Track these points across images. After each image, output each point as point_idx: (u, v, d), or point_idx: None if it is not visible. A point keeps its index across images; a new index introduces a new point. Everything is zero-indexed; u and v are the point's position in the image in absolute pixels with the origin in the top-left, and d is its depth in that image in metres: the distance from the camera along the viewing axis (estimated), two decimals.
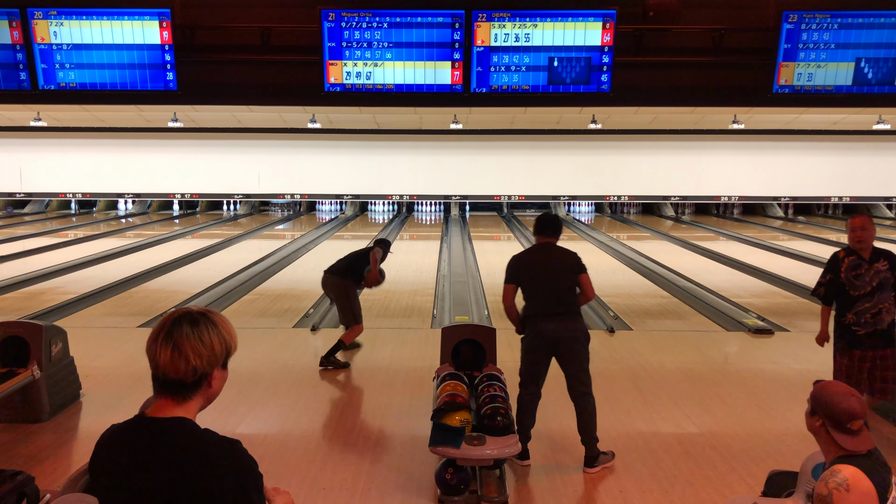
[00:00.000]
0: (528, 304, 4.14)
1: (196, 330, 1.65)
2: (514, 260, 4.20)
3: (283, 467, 3.98)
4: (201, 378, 1.66)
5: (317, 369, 5.87)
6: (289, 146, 19.11)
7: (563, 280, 4.06)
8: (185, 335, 1.64)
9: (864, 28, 7.19)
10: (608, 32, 7.17)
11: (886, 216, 19.64)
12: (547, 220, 4.21)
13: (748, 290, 9.64)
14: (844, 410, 2.32)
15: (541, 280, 4.07)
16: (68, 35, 7.35)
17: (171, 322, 1.66)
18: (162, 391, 1.67)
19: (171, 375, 1.64)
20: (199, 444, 1.62)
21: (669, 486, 3.82)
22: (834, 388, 2.41)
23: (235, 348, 1.74)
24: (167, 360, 1.63)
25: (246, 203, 20.66)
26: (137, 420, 1.69)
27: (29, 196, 20.03)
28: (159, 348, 1.64)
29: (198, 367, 1.64)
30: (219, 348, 1.68)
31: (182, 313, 1.68)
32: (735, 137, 18.44)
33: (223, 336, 1.69)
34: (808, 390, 2.48)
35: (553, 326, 3.98)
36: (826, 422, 2.36)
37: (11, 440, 4.33)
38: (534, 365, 4.07)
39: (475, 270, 10.99)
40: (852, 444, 2.31)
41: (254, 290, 9.45)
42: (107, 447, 1.68)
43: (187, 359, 1.63)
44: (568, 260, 4.11)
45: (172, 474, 1.57)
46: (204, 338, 1.65)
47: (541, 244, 4.21)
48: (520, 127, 17.98)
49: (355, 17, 7.22)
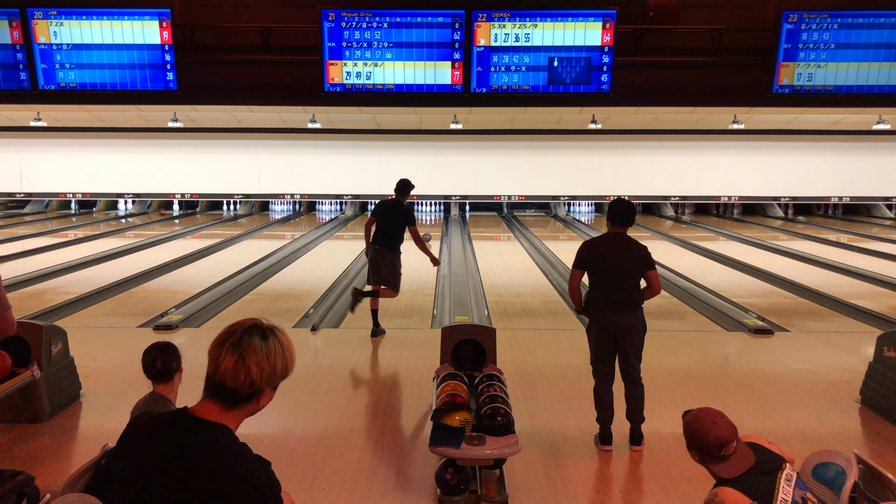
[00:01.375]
0: (593, 292, 4.34)
1: (265, 345, 1.65)
2: (585, 245, 4.38)
3: (283, 467, 3.98)
4: (255, 393, 1.66)
5: (317, 369, 5.87)
6: (289, 146, 19.12)
7: (629, 274, 4.21)
8: (255, 347, 1.63)
9: (864, 28, 7.19)
10: (608, 32, 7.18)
11: (886, 216, 19.64)
12: (620, 210, 4.29)
13: (748, 290, 9.64)
14: (713, 440, 2.34)
15: (608, 272, 4.22)
16: (68, 35, 7.35)
17: (242, 330, 1.65)
18: (213, 396, 1.66)
19: (227, 384, 1.63)
20: (233, 456, 1.61)
21: (669, 486, 3.81)
22: (700, 418, 2.41)
23: (292, 371, 1.74)
24: (229, 367, 1.62)
25: (246, 203, 20.67)
26: (180, 414, 1.67)
27: (29, 196, 20.03)
28: (225, 353, 1.63)
29: (256, 382, 1.64)
30: (280, 368, 1.67)
31: (255, 324, 1.68)
32: (735, 137, 18.44)
33: (286, 357, 1.69)
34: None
35: (614, 318, 4.21)
36: (701, 455, 2.39)
37: (11, 440, 4.33)
38: (600, 352, 4.33)
39: (475, 270, 10.99)
40: (726, 471, 2.33)
41: (254, 290, 9.45)
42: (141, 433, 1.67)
43: (249, 371, 1.62)
44: (637, 254, 4.23)
45: (201, 476, 1.56)
46: (270, 354, 1.65)
47: (612, 233, 4.32)
48: (520, 127, 17.98)
49: (355, 17, 7.23)
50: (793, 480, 2.31)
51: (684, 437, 2.47)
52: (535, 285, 10.04)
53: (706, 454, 2.37)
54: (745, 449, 2.37)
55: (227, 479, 1.56)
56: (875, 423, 4.75)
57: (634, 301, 4.24)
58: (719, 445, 2.33)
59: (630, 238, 4.31)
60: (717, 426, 2.35)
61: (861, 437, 4.65)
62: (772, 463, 2.35)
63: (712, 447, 2.34)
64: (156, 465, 1.59)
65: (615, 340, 4.26)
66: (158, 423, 1.68)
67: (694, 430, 2.40)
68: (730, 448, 2.34)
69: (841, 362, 6.11)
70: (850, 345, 6.76)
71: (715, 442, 2.33)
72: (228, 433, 1.64)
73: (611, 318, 4.22)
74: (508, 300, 8.97)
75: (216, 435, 1.62)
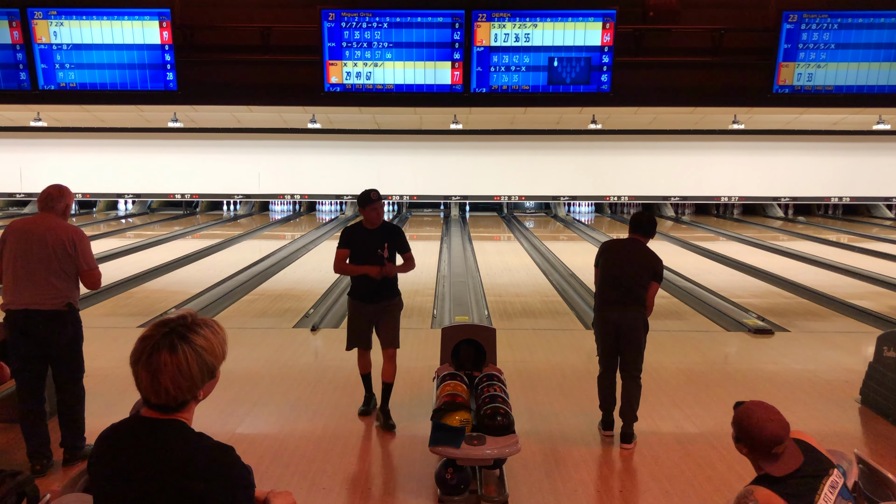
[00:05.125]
0: (598, 289, 4.47)
1: (174, 358, 1.59)
2: (602, 244, 4.62)
3: (282, 467, 3.98)
4: (183, 402, 1.64)
5: (317, 369, 5.86)
6: (289, 146, 19.11)
7: (636, 274, 4.32)
8: (164, 364, 1.59)
9: (864, 28, 7.19)
10: (608, 32, 7.18)
11: (886, 216, 19.64)
12: (639, 219, 4.49)
13: (748, 290, 9.64)
14: (767, 437, 2.30)
15: (615, 272, 4.38)
16: (68, 35, 7.35)
17: (151, 347, 1.61)
18: (149, 407, 1.65)
19: (152, 400, 1.62)
20: (191, 449, 1.61)
21: (669, 486, 3.81)
22: (755, 412, 2.38)
23: (224, 357, 1.71)
24: (147, 386, 1.61)
25: (246, 203, 20.66)
26: (134, 420, 1.69)
27: (29, 196, 20.00)
28: (139, 371, 1.61)
29: (177, 396, 1.61)
30: (199, 374, 1.63)
31: (161, 336, 1.62)
32: (735, 137, 18.43)
33: (204, 359, 1.64)
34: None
35: (616, 315, 4.32)
36: (751, 449, 2.36)
37: (11, 440, 4.32)
38: (605, 347, 4.45)
39: (475, 270, 10.99)
40: (774, 469, 2.29)
41: (254, 290, 9.45)
42: (104, 446, 1.68)
43: (167, 390, 1.59)
44: (648, 260, 4.35)
45: (164, 476, 1.57)
46: (182, 367, 1.60)
47: (631, 239, 4.48)
48: (520, 127, 17.98)
49: (355, 17, 7.22)
50: (837, 488, 2.26)
51: (733, 427, 2.41)
52: (536, 285, 10.04)
53: (757, 450, 2.32)
54: (795, 449, 2.32)
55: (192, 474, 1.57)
56: (875, 423, 4.75)
57: (637, 300, 4.31)
58: (773, 443, 2.28)
59: (647, 247, 4.43)
60: (772, 423, 2.31)
61: (861, 437, 4.66)
62: (819, 466, 2.30)
63: (765, 444, 2.29)
64: (124, 475, 1.61)
65: (617, 338, 4.35)
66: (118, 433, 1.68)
67: (748, 425, 2.35)
68: (781, 447, 2.30)
69: (841, 362, 6.11)
70: (850, 345, 6.75)
71: (769, 439, 2.29)
72: (182, 428, 1.64)
73: (613, 315, 4.34)
74: (508, 300, 8.97)
75: (169, 433, 1.62)
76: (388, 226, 4.76)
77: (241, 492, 1.63)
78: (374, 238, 4.61)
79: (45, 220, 3.92)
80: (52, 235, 3.87)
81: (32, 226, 3.92)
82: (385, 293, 4.69)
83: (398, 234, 4.75)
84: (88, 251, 3.99)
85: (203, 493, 1.57)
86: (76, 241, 3.92)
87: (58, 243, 3.86)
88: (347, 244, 4.70)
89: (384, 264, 4.56)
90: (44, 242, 3.85)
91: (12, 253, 3.88)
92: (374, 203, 4.60)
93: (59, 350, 3.93)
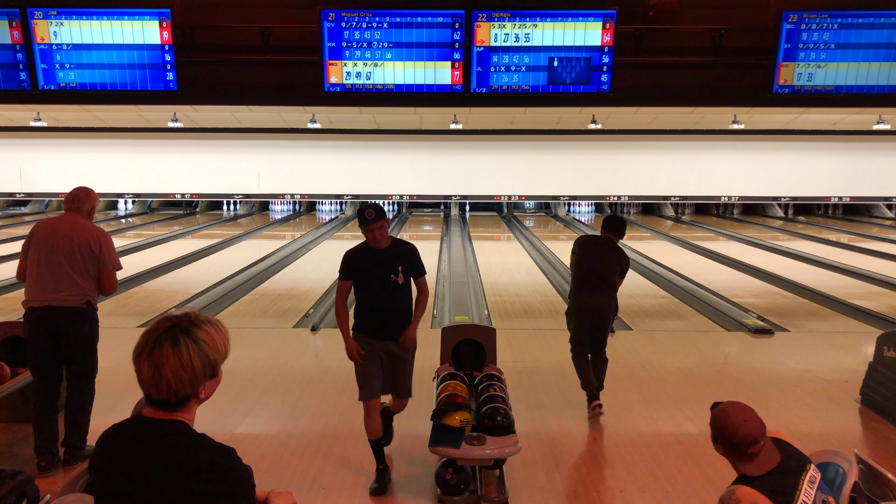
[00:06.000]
0: (575, 277, 4.96)
1: (177, 351, 1.60)
2: (579, 238, 5.10)
3: (283, 467, 3.98)
4: (185, 398, 1.64)
5: (317, 369, 5.86)
6: (289, 146, 19.11)
7: (609, 267, 4.82)
8: (166, 357, 1.59)
9: (864, 28, 7.18)
10: (608, 32, 7.17)
11: (886, 216, 19.64)
12: (612, 220, 4.99)
13: (748, 290, 9.64)
14: (742, 438, 2.31)
15: (592, 260, 4.88)
16: (68, 35, 7.34)
17: (154, 340, 1.61)
18: (150, 404, 1.66)
19: (153, 395, 1.62)
20: (192, 449, 1.61)
21: (669, 486, 3.82)
22: (730, 413, 2.39)
23: (226, 356, 1.71)
24: (149, 379, 1.61)
25: (246, 203, 20.67)
26: (136, 420, 1.69)
27: (29, 196, 20.02)
28: (142, 365, 1.61)
29: (179, 390, 1.61)
30: (201, 368, 1.63)
31: (164, 330, 1.63)
32: (735, 137, 18.43)
33: (207, 354, 1.64)
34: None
35: (593, 301, 4.82)
36: (727, 449, 2.37)
37: (11, 440, 4.33)
38: (577, 330, 4.93)
39: (475, 270, 10.99)
40: (751, 469, 2.32)
41: (254, 290, 9.45)
42: (106, 446, 1.69)
43: (169, 383, 1.60)
44: (619, 257, 4.85)
45: (164, 476, 1.58)
46: (184, 360, 1.60)
47: (605, 236, 4.95)
48: (520, 127, 17.97)
49: (355, 17, 7.22)
50: (816, 482, 2.28)
51: (711, 428, 2.43)
52: (535, 285, 10.04)
53: (733, 450, 2.34)
54: (772, 447, 2.34)
55: (193, 475, 1.57)
56: (875, 423, 4.75)
57: (609, 285, 4.82)
58: (748, 444, 2.30)
59: (618, 246, 4.90)
60: (747, 424, 2.32)
61: (861, 437, 4.66)
62: (796, 462, 2.33)
63: (740, 444, 2.31)
64: (125, 475, 1.61)
65: (592, 320, 4.83)
66: (120, 433, 1.68)
67: (724, 426, 2.36)
68: (757, 447, 2.31)
69: (841, 362, 6.11)
70: (850, 345, 6.75)
71: (744, 440, 2.30)
72: (183, 428, 1.64)
73: (588, 299, 4.83)
74: (508, 300, 8.97)
75: (170, 433, 1.62)
76: (399, 244, 3.86)
77: (241, 492, 1.63)
78: (384, 260, 3.76)
79: (72, 219, 4.08)
80: (78, 234, 4.00)
81: (59, 224, 4.07)
82: (400, 323, 3.85)
83: (413, 253, 3.87)
84: (113, 251, 4.19)
85: (203, 494, 1.57)
86: (102, 241, 4.10)
87: (83, 242, 4.01)
88: (350, 274, 3.83)
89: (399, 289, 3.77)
90: (69, 240, 3.99)
91: (38, 250, 4.01)
92: (369, 224, 3.67)
93: (75, 347, 4.01)
